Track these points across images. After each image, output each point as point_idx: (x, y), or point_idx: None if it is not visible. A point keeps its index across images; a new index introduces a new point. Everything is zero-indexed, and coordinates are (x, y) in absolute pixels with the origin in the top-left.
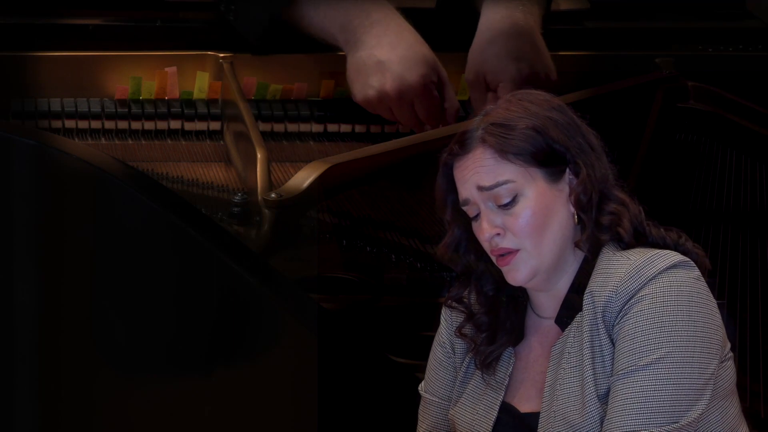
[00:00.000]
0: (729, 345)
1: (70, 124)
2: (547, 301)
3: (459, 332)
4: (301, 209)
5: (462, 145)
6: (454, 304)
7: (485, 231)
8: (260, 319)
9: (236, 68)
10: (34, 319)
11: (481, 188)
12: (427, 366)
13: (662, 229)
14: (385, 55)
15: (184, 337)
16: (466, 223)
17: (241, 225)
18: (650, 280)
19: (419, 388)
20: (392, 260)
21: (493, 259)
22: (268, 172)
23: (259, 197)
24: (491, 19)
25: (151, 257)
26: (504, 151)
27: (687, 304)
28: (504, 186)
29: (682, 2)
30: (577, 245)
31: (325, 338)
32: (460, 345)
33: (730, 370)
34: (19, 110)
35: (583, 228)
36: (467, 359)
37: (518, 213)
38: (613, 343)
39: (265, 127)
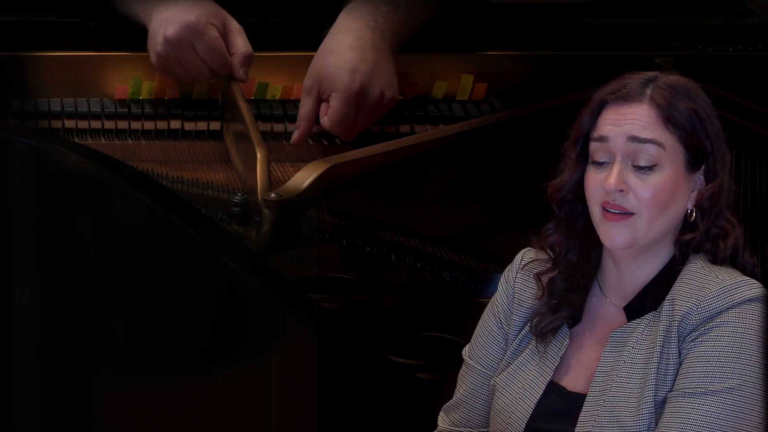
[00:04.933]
0: None
1: (70, 124)
2: (620, 284)
3: (538, 277)
4: (301, 209)
5: (628, 94)
6: (548, 249)
7: (612, 182)
8: (260, 319)
9: None
10: (34, 319)
11: (633, 138)
12: (475, 332)
13: (755, 258)
14: (166, 12)
15: (183, 336)
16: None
17: (241, 225)
18: (734, 306)
19: (463, 352)
20: (392, 260)
21: (598, 211)
22: (268, 172)
23: (259, 197)
24: (338, 31)
25: (151, 257)
26: (668, 118)
27: (766, 341)
28: (654, 145)
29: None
30: (675, 242)
31: (325, 338)
32: (517, 316)
33: None
34: (19, 110)
35: (689, 228)
36: (524, 330)
37: (650, 181)
38: (680, 354)
39: (265, 127)
